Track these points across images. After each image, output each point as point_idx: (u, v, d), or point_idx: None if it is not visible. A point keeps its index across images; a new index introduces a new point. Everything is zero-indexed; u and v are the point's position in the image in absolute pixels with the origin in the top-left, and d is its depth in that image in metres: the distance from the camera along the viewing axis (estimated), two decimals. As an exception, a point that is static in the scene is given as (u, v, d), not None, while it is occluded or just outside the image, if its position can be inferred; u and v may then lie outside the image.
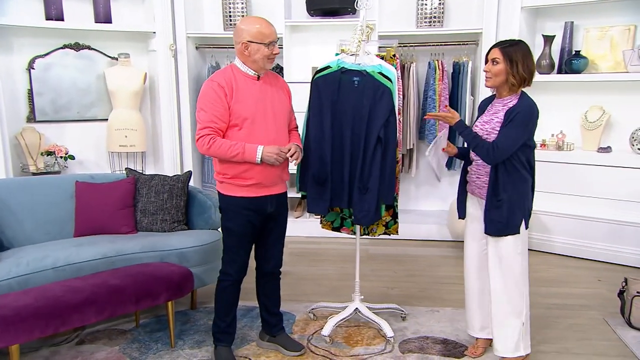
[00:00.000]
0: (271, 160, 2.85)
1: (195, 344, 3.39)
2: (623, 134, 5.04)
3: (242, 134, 2.85)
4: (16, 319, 2.72)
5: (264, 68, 2.94)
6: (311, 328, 3.59)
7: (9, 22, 4.96)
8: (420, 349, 3.32)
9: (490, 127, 2.88)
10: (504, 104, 2.90)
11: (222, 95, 2.81)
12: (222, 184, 2.98)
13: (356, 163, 3.14)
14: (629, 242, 4.75)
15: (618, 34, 5.01)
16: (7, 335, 2.69)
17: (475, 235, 3.12)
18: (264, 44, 2.85)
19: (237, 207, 2.95)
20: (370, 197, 3.10)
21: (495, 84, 2.88)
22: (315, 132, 3.14)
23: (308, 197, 3.23)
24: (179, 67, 5.63)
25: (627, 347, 3.35)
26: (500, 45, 2.85)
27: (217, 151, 2.82)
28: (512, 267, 2.91)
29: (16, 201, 3.80)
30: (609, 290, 4.18)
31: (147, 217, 4.00)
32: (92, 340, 3.44)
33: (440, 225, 5.52)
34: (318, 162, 3.13)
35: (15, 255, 3.41)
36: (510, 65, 2.79)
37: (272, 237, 3.17)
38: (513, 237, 2.87)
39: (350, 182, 3.17)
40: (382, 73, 3.13)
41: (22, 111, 5.34)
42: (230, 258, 3.05)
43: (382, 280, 4.44)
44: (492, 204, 2.86)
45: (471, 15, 5.58)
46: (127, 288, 3.14)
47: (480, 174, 2.97)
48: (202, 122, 2.83)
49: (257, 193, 2.95)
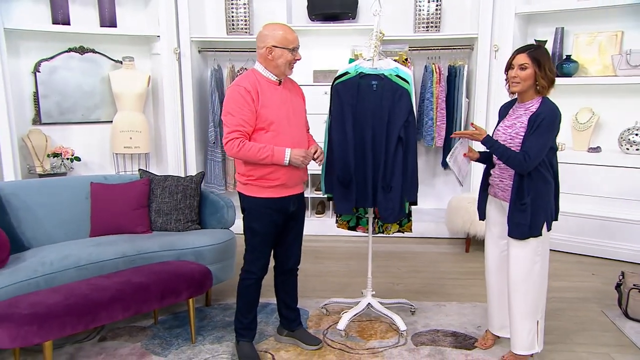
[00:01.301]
0: (298, 162, 2.92)
1: (215, 339, 3.44)
2: (612, 134, 5.20)
3: (268, 136, 2.92)
4: (50, 316, 2.76)
5: (285, 73, 3.01)
6: (325, 323, 3.66)
7: (16, 26, 4.95)
8: (433, 341, 3.41)
9: (514, 131, 2.89)
10: (525, 108, 2.90)
11: (250, 99, 2.87)
12: (247, 185, 3.03)
13: (379, 164, 3.22)
14: (619, 237, 4.92)
15: (606, 40, 5.16)
16: (42, 331, 2.73)
17: (495, 238, 3.14)
18: (288, 49, 2.92)
19: (262, 207, 3.01)
20: (394, 196, 3.18)
21: (524, 88, 2.86)
22: (338, 137, 3.22)
23: (335, 198, 3.30)
24: (182, 70, 5.66)
25: (627, 337, 3.48)
26: (527, 50, 2.84)
27: (247, 154, 2.88)
28: (532, 268, 2.94)
29: (35, 202, 3.82)
30: (604, 284, 4.33)
31: (162, 216, 4.04)
32: (113, 337, 3.48)
33: (437, 223, 5.64)
34: (342, 165, 3.21)
35: (39, 255, 3.44)
36: (539, 69, 2.80)
37: (292, 235, 3.23)
38: (535, 240, 2.89)
39: (374, 183, 3.24)
40: (399, 75, 3.22)
41: (28, 113, 5.33)
42: (254, 257, 3.11)
43: (387, 276, 4.52)
44: (516, 207, 2.86)
45: (466, 21, 5.72)
46: (151, 286, 3.19)
47: (504, 177, 2.98)
48: (231, 126, 2.88)
49: (281, 194, 3.01)
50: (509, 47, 5.22)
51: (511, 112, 3.02)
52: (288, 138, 2.95)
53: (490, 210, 3.15)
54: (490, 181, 3.11)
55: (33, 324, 2.71)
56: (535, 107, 2.87)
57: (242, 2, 5.64)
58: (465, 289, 4.23)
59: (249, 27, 5.72)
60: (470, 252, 5.20)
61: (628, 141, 4.96)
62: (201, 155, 6.04)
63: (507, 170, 2.94)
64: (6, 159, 4.84)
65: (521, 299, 2.97)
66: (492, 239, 3.18)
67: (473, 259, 4.98)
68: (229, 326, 3.59)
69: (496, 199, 3.08)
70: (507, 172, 2.95)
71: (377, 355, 3.23)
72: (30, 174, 5.21)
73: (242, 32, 5.72)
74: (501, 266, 3.14)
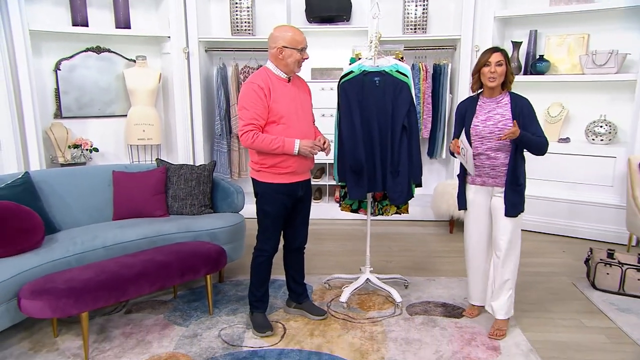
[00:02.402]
0: (306, 152, 2.99)
1: (230, 311, 3.52)
2: (579, 126, 5.33)
3: (279, 129, 2.98)
4: (84, 290, 2.83)
5: (294, 71, 3.08)
6: (328, 296, 3.75)
7: (39, 28, 4.95)
8: (425, 311, 3.52)
9: (492, 123, 2.99)
10: (497, 102, 3.02)
11: (262, 95, 2.93)
12: (260, 172, 3.10)
13: (386, 151, 3.29)
14: (585, 218, 5.06)
15: (574, 41, 5.26)
16: (78, 304, 2.80)
17: (477, 220, 3.21)
18: (296, 50, 2.98)
19: (273, 192, 3.08)
20: (402, 179, 3.26)
21: (499, 83, 2.98)
22: (347, 130, 3.28)
23: (348, 185, 3.36)
24: (190, 68, 5.68)
25: (594, 305, 3.62)
26: (500, 50, 2.98)
27: (260, 145, 2.94)
28: (517, 242, 3.08)
29: (63, 189, 3.87)
30: (573, 260, 4.47)
31: (178, 202, 4.10)
32: (138, 309, 3.55)
33: (423, 207, 5.72)
34: (353, 155, 3.26)
35: (69, 236, 3.50)
36: (508, 64, 2.97)
37: (300, 218, 3.30)
38: (520, 216, 3.05)
39: (383, 169, 3.32)
40: (399, 71, 3.29)
41: (50, 108, 5.34)
42: (266, 237, 3.18)
43: (381, 255, 4.60)
44: (512, 189, 2.97)
45: (450, 24, 5.80)
46: (173, 263, 3.26)
47: (495, 165, 3.03)
48: (245, 120, 2.94)
49: (291, 180, 3.08)
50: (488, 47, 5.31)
51: (479, 108, 3.09)
52: (297, 130, 3.02)
53: (475, 197, 3.18)
54: (479, 172, 3.11)
55: (70, 297, 2.78)
56: (506, 100, 2.99)
57: (246, 5, 5.65)
58: (452, 266, 4.34)
59: (251, 29, 5.74)
60: (454, 233, 5.30)
61: (593, 132, 5.09)
62: (208, 145, 6.08)
63: (496, 159, 3.02)
64: (32, 150, 4.88)
65: (509, 267, 3.09)
66: (474, 221, 3.23)
67: (456, 239, 5.09)
68: (241, 300, 3.68)
69: (484, 187, 3.13)
70: (497, 160, 3.02)
71: (377, 324, 3.33)
72: (53, 164, 5.23)
73: (245, 33, 5.75)
74: (480, 246, 3.25)
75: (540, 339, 3.14)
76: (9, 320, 2.93)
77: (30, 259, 3.10)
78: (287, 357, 2.93)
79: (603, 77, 4.97)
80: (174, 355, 2.96)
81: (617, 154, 4.91)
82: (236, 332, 3.23)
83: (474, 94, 3.19)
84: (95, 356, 2.96)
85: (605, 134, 5.03)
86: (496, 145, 3.00)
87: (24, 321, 3.15)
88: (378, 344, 3.07)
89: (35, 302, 2.76)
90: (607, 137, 5.03)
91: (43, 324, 3.30)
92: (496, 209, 3.08)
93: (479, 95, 3.15)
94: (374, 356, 2.94)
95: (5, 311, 2.90)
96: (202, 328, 3.28)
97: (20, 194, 3.48)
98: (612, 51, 4.85)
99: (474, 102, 3.14)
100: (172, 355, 2.96)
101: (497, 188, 3.07)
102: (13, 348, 3.04)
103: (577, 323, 3.36)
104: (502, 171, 3.02)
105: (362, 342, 3.10)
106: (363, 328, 3.28)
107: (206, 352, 2.99)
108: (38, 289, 2.81)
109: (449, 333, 3.22)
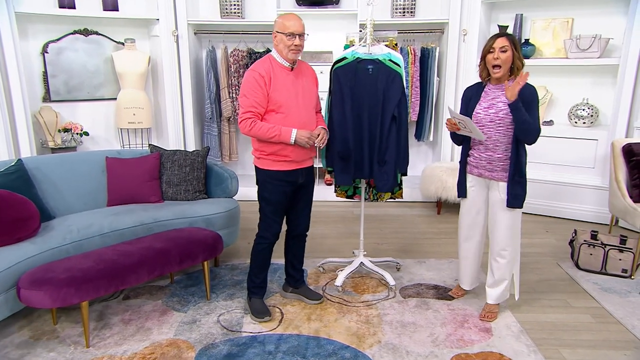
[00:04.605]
0: (302, 142, 2.94)
1: (227, 296, 3.49)
2: (563, 109, 5.35)
3: (278, 117, 2.93)
4: (85, 279, 2.78)
5: (288, 57, 2.98)
6: (322, 280, 3.74)
7: (25, 10, 4.76)
8: (418, 294, 3.54)
9: (493, 112, 2.90)
10: (502, 89, 2.88)
11: (263, 84, 2.86)
12: (260, 159, 3.05)
13: (374, 140, 3.24)
14: (568, 199, 5.11)
15: (559, 25, 5.24)
16: (79, 293, 2.75)
17: (470, 209, 3.20)
18: (284, 34, 2.89)
19: (273, 179, 3.03)
20: (388, 168, 3.22)
21: (504, 73, 2.85)
22: (338, 116, 3.22)
23: (335, 171, 3.31)
24: (180, 51, 5.54)
25: (578, 284, 3.68)
26: (505, 35, 2.83)
27: (257, 132, 2.89)
28: (518, 231, 3.06)
29: (56, 175, 3.77)
30: (557, 240, 4.52)
31: (172, 187, 4.03)
32: (135, 295, 3.50)
33: (411, 189, 5.71)
34: (342, 142, 3.22)
35: (64, 224, 3.42)
36: (516, 50, 2.82)
37: (302, 204, 3.26)
38: (519, 212, 3.01)
39: (370, 157, 3.27)
40: (392, 60, 3.22)
41: (39, 92, 5.18)
42: (267, 224, 3.13)
43: (372, 237, 4.60)
44: (515, 182, 2.89)
45: (438, 7, 5.72)
46: (171, 250, 3.21)
47: (492, 160, 2.97)
48: (245, 107, 2.89)
49: (291, 167, 3.04)
50: (475, 31, 5.29)
51: (484, 95, 2.99)
52: (296, 120, 2.96)
53: (472, 187, 3.15)
54: (473, 163, 3.09)
55: (70, 286, 2.72)
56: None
57: (234, -13, 5.51)
58: (441, 247, 4.36)
59: (241, 11, 5.60)
60: (442, 214, 5.32)
61: (576, 115, 5.11)
62: (199, 129, 5.98)
63: (494, 152, 2.95)
64: (22, 134, 4.74)
65: (509, 258, 3.08)
66: (468, 210, 3.22)
67: (444, 220, 5.12)
68: (238, 284, 3.65)
69: (480, 178, 3.10)
70: (494, 153, 2.95)
71: (372, 307, 3.34)
72: (43, 148, 5.10)
73: (234, 16, 5.60)
74: (472, 233, 3.25)
75: (529, 320, 3.18)
76: (8, 309, 2.87)
77: (27, 248, 3.03)
78: (286, 342, 2.92)
79: (586, 61, 4.96)
80: (175, 342, 2.93)
81: (598, 137, 4.94)
82: (234, 318, 3.21)
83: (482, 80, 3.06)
84: (96, 343, 2.92)
85: (587, 117, 5.06)
86: (496, 134, 2.92)
87: (22, 309, 3.09)
88: (374, 328, 3.08)
89: (35, 292, 2.70)
90: (589, 120, 5.06)
91: (42, 311, 3.24)
92: (494, 204, 3.04)
93: (488, 81, 3.02)
94: (371, 340, 2.95)
95: (5, 301, 2.84)
96: (200, 314, 3.26)
97: (14, 181, 3.38)
98: (596, 36, 4.85)
99: (480, 88, 3.04)
100: (172, 342, 2.93)
101: (493, 182, 3.00)
102: (13, 336, 2.99)
103: (564, 303, 3.40)
104: (499, 166, 2.95)
105: (358, 326, 3.10)
106: (359, 312, 3.28)
107: (206, 338, 2.97)
108: (38, 278, 2.74)
109: (441, 315, 3.24)
